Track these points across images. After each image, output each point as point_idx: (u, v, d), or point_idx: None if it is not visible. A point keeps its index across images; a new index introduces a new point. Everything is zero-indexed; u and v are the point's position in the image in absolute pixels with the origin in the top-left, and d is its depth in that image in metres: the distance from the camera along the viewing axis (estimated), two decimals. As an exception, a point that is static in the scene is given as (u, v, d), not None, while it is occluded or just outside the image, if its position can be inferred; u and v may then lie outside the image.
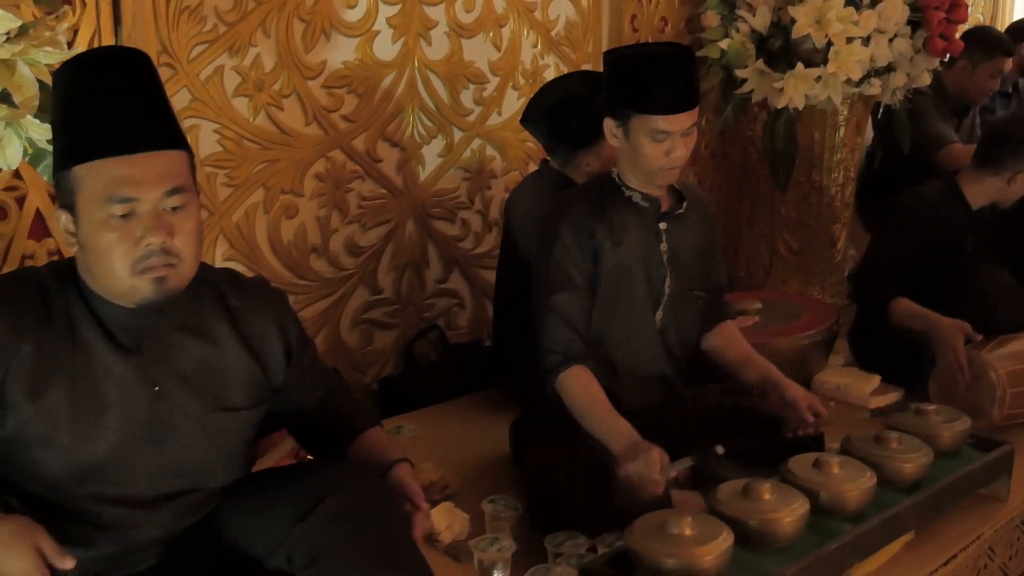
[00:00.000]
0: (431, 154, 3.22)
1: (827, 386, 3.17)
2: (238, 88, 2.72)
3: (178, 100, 2.60)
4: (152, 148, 1.54)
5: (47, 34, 1.83)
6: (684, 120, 2.28)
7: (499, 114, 3.35)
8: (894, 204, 3.26)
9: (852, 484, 2.11)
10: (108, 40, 2.40)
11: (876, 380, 3.15)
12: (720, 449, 2.27)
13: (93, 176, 1.54)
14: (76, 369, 1.60)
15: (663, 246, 2.42)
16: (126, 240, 1.52)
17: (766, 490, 2.02)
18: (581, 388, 2.32)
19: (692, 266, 2.48)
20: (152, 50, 2.50)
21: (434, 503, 2.38)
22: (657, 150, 2.29)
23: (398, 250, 3.19)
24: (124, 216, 1.52)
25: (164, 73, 2.53)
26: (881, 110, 4.22)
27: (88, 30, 2.36)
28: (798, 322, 3.22)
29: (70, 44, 2.34)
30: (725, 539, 1.85)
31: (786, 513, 1.99)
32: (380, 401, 3.17)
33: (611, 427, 2.24)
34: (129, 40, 2.43)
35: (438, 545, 2.22)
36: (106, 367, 1.62)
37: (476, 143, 3.32)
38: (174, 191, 1.55)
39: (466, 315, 3.41)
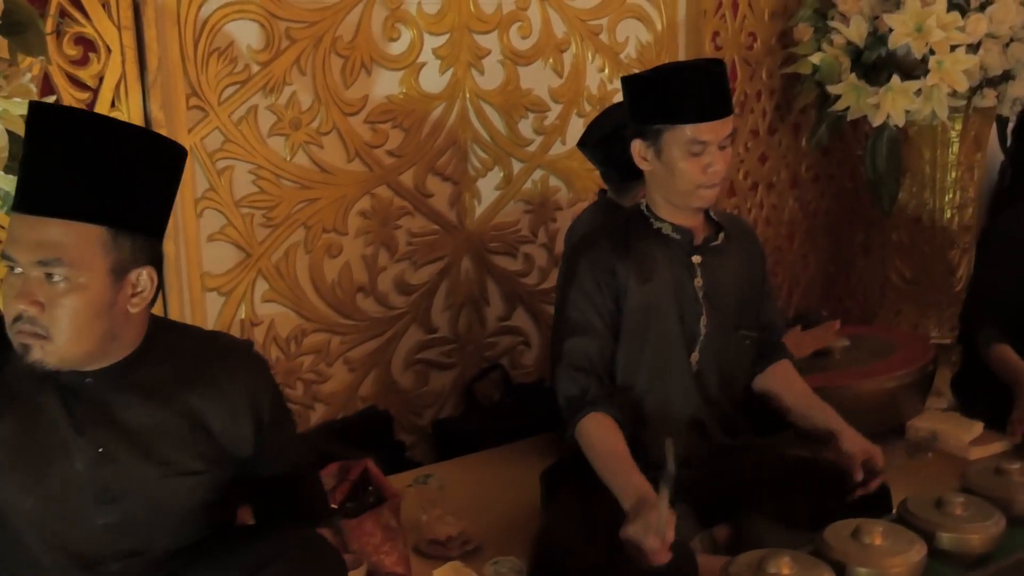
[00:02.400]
0: (487, 187, 3.10)
1: (921, 433, 2.85)
2: (273, 127, 2.69)
3: (210, 142, 2.59)
4: (51, 214, 1.46)
5: (19, 82, 1.82)
6: (721, 128, 2.11)
7: (563, 143, 3.19)
8: (992, 228, 2.91)
9: (896, 559, 1.84)
10: (134, 86, 2.40)
11: (978, 428, 2.80)
12: (670, 450, 1.94)
13: (9, 227, 1.51)
14: (26, 413, 1.57)
15: (697, 281, 2.21)
16: (7, 298, 1.47)
17: (785, 564, 1.78)
18: (599, 437, 2.13)
19: (734, 303, 2.26)
20: (180, 93, 2.50)
21: (449, 559, 2.27)
22: (694, 166, 2.10)
23: (454, 287, 3.07)
24: (12, 272, 1.47)
25: (194, 116, 2.54)
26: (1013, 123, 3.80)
27: (113, 76, 2.37)
28: (888, 360, 2.91)
29: (96, 91, 2.36)
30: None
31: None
32: (435, 443, 3.06)
33: (625, 481, 2.04)
34: (155, 84, 2.43)
35: (441, 608, 2.08)
36: (52, 420, 1.59)
37: (538, 174, 3.18)
38: (47, 262, 1.46)
39: (532, 354, 3.26)
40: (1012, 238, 2.83)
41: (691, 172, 2.10)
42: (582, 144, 2.82)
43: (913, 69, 3.25)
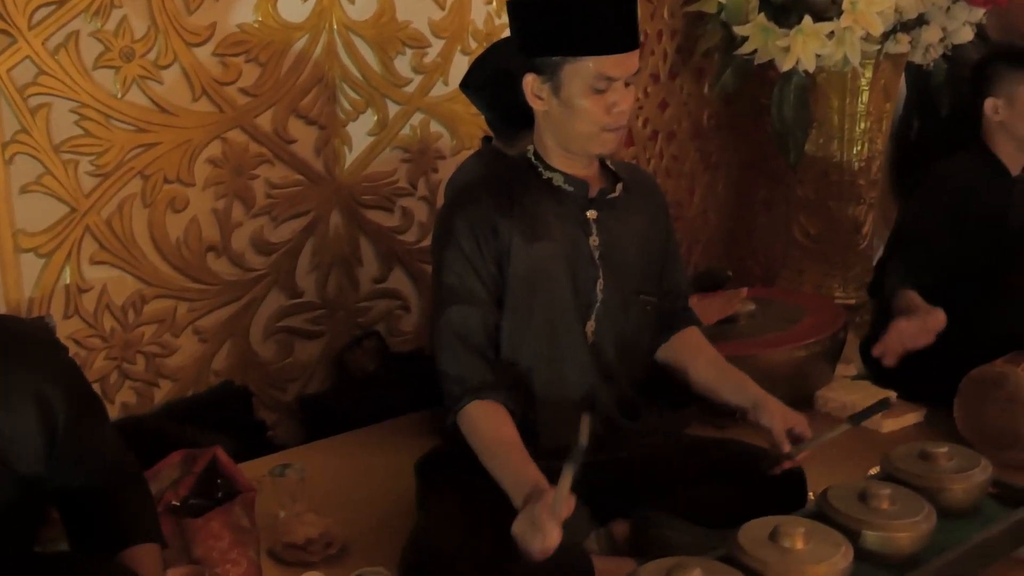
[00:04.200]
0: (359, 132, 2.74)
1: (831, 404, 2.65)
2: (100, 58, 2.28)
3: (20, 74, 2.18)
4: None
5: None
6: (628, 62, 1.83)
7: (445, 83, 2.85)
8: (917, 179, 2.71)
9: (819, 567, 1.59)
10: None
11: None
12: (585, 424, 1.67)
13: None
14: None
15: (593, 240, 1.91)
16: None
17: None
18: (485, 426, 1.84)
19: (635, 264, 1.98)
20: (-21, 13, 2.07)
21: (309, 566, 1.95)
22: (597, 104, 1.81)
23: (321, 246, 2.72)
24: None
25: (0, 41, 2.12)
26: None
27: None
28: (798, 327, 2.68)
29: None
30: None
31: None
32: (301, 422, 2.73)
33: (517, 473, 1.75)
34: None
35: (296, 629, 1.77)
36: None
37: (417, 118, 2.83)
38: None
39: (411, 319, 2.94)
40: (937, 184, 2.64)
41: (594, 112, 1.80)
42: (465, 85, 2.49)
43: (825, 11, 3.02)
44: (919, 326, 2.43)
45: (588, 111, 1.80)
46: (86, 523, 1.53)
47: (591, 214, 1.91)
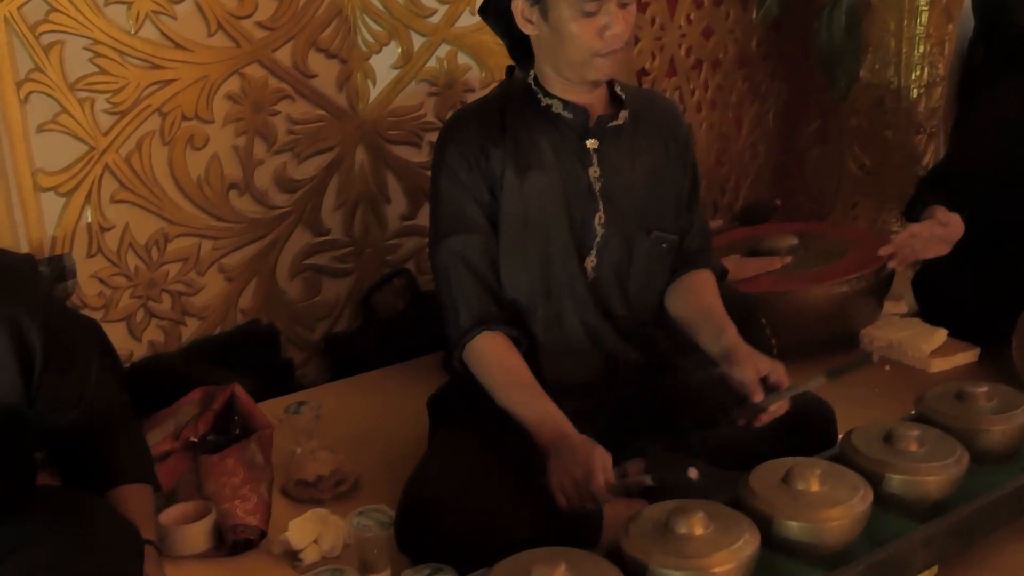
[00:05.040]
0: (383, 66, 2.66)
1: (877, 343, 2.53)
2: (110, -7, 2.24)
3: (30, 11, 2.15)
4: None
5: None
6: None
7: (472, 13, 2.74)
8: (973, 105, 2.54)
9: (834, 511, 1.51)
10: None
11: (942, 336, 2.48)
12: (693, 473, 1.67)
13: None
14: None
15: (593, 171, 1.82)
16: None
17: (698, 521, 1.44)
18: (496, 359, 1.78)
19: (643, 199, 1.87)
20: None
21: (319, 503, 1.94)
22: (587, 28, 1.71)
23: (346, 183, 2.67)
24: None
25: (4, -21, 2.09)
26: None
27: None
28: (841, 263, 2.55)
29: None
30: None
31: (725, 557, 1.40)
32: (330, 361, 2.70)
33: (538, 410, 1.70)
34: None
35: (299, 566, 1.75)
36: None
37: (443, 50, 2.74)
38: None
39: (443, 257, 2.87)
40: (992, 111, 2.47)
41: (584, 36, 1.70)
42: (482, 11, 2.37)
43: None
44: (932, 231, 2.30)
45: (578, 36, 1.70)
46: (75, 465, 1.51)
47: (591, 143, 1.81)
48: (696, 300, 1.91)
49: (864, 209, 3.33)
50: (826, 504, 1.51)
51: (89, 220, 2.30)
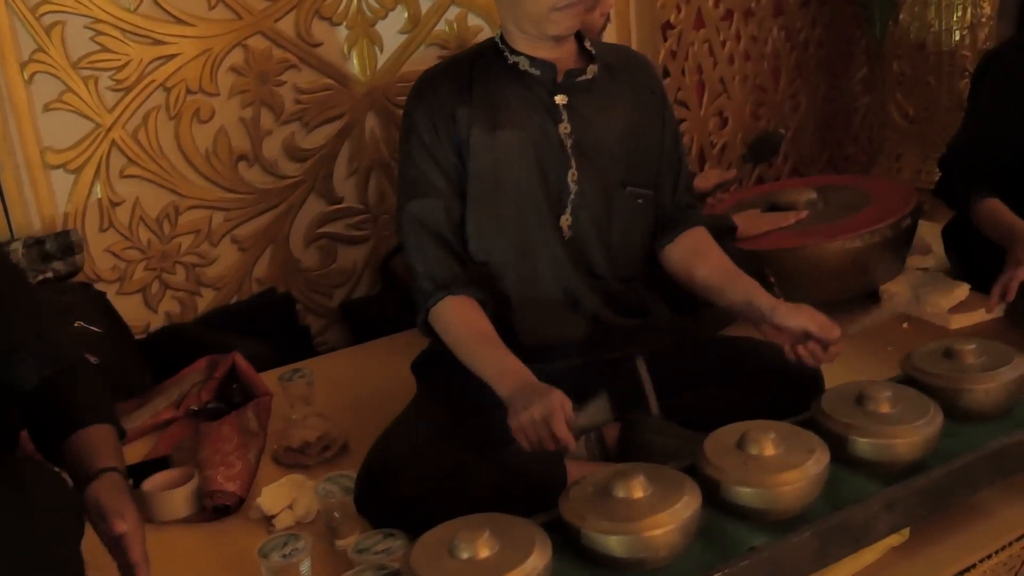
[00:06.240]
0: (390, 31, 2.66)
1: (896, 299, 2.42)
2: (109, -29, 2.29)
3: (30, -8, 2.21)
4: None
5: None
6: None
7: (481, -27, 2.72)
8: (991, 58, 2.38)
9: (786, 475, 1.46)
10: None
11: (963, 291, 2.37)
12: (654, 409, 1.65)
13: None
14: None
15: (563, 127, 1.78)
16: None
17: (639, 485, 1.41)
18: (459, 320, 1.76)
19: (618, 154, 1.82)
20: (-19, -66, 2.11)
21: (305, 469, 1.97)
22: None
23: (358, 150, 2.68)
24: None
25: (4, -38, 2.16)
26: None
27: None
28: (857, 216, 2.44)
29: None
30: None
31: (662, 519, 1.38)
32: (349, 327, 2.74)
33: (495, 362, 1.68)
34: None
35: (273, 531, 1.78)
36: None
37: (453, 12, 2.73)
38: None
39: (461, 222, 2.87)
40: (1013, 71, 2.29)
41: None
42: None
43: None
44: None
45: None
46: (40, 416, 1.53)
47: (560, 99, 1.77)
48: (710, 261, 1.87)
49: (908, 160, 3.19)
50: (776, 468, 1.46)
51: (99, 196, 2.38)
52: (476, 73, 1.78)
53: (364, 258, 2.76)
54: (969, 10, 2.99)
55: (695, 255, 1.90)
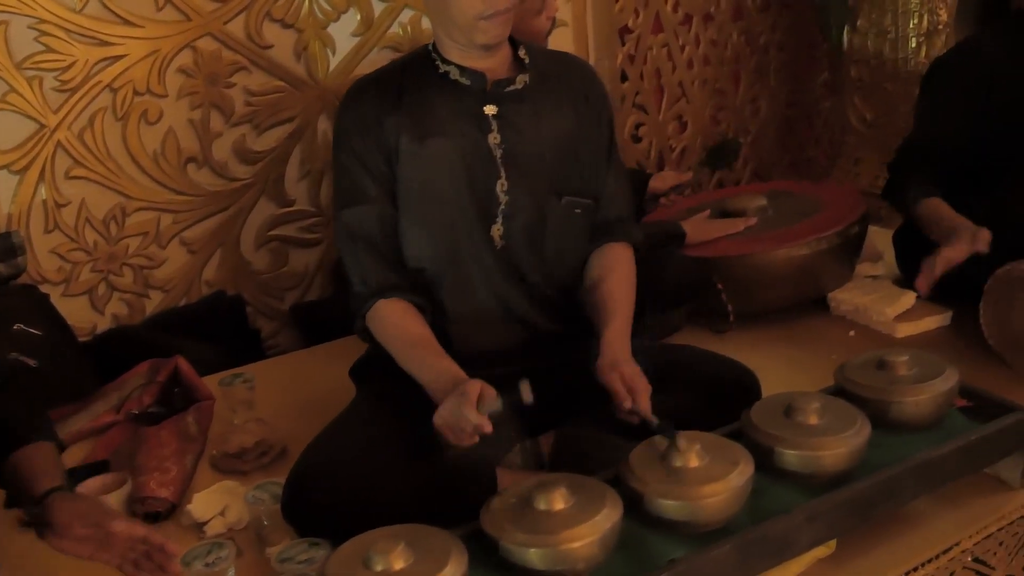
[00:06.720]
0: (342, 34, 2.65)
1: (843, 307, 2.43)
2: (53, -30, 2.27)
3: (-29, -9, 2.19)
4: None
5: None
6: None
7: (435, -24, 2.70)
8: (937, 63, 2.38)
9: (708, 487, 1.46)
10: None
11: (910, 300, 2.37)
12: (527, 392, 1.59)
13: None
14: None
15: (493, 137, 1.77)
16: None
17: (559, 497, 1.41)
18: (394, 324, 1.76)
19: (550, 164, 1.81)
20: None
21: (244, 474, 1.96)
22: None
23: (310, 152, 2.67)
24: None
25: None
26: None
27: None
28: (806, 223, 2.45)
29: None
30: None
31: (580, 532, 1.38)
32: (300, 330, 2.72)
33: (432, 366, 1.68)
34: None
35: (203, 539, 1.77)
36: None
37: (407, 15, 2.72)
38: None
39: (416, 225, 2.86)
40: (953, 67, 2.31)
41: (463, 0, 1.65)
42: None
43: None
44: (966, 251, 2.11)
45: None
46: None
47: (489, 109, 1.76)
48: (600, 282, 1.84)
49: (867, 165, 3.20)
50: (699, 480, 1.46)
51: (44, 197, 2.36)
52: (407, 82, 1.78)
53: (316, 261, 2.75)
54: (926, 17, 3.00)
55: (595, 270, 1.88)
